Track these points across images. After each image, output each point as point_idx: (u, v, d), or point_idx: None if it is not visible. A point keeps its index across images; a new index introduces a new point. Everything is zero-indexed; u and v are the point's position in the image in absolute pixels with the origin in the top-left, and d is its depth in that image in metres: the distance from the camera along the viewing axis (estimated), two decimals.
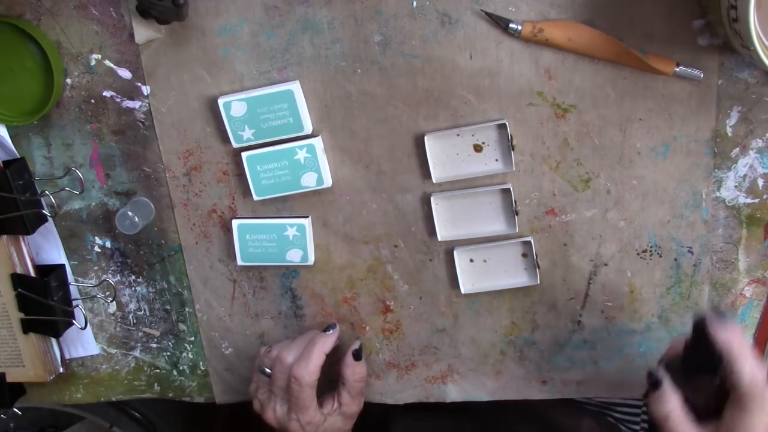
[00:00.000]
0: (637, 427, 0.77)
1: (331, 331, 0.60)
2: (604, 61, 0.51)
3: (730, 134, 0.52)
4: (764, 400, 0.44)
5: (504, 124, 0.54)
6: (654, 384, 0.48)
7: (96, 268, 0.66)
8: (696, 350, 0.47)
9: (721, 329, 0.45)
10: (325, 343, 0.58)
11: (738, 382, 0.44)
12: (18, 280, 0.62)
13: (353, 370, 0.59)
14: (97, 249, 0.65)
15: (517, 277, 0.59)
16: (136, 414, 0.89)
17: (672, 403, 0.47)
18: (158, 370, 0.69)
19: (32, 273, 0.62)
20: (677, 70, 0.50)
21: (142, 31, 0.55)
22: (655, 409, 0.48)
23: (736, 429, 0.45)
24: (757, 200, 0.54)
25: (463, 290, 0.59)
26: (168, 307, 0.66)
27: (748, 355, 0.44)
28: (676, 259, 0.57)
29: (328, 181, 0.57)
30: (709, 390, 0.47)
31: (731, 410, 0.45)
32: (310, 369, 0.56)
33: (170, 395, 0.70)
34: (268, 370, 0.59)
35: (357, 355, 0.60)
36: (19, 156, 0.61)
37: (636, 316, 0.59)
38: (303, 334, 0.62)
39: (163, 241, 0.64)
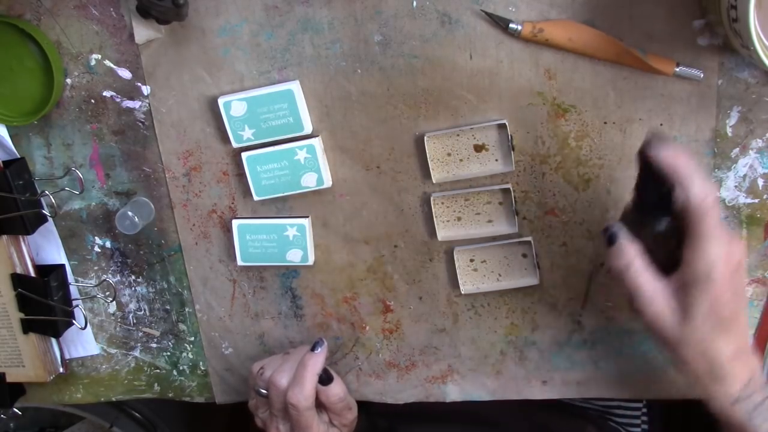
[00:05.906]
0: (638, 430, 0.77)
1: (319, 350, 0.58)
2: (604, 61, 0.51)
3: (730, 134, 0.52)
4: (717, 225, 0.41)
5: (504, 124, 0.54)
6: (610, 238, 0.46)
7: (96, 268, 0.66)
8: (645, 184, 0.45)
9: (664, 151, 0.42)
10: (316, 363, 0.57)
11: (687, 204, 0.41)
12: (18, 280, 0.62)
13: (326, 395, 0.57)
14: (97, 249, 0.65)
15: (517, 277, 0.59)
16: (136, 414, 0.89)
17: (630, 255, 0.45)
18: (158, 370, 0.69)
19: (32, 273, 0.62)
20: (677, 70, 0.50)
21: (142, 31, 0.55)
22: (614, 263, 0.45)
23: (697, 266, 0.42)
24: (757, 200, 0.54)
25: (463, 290, 0.59)
26: (168, 307, 0.66)
27: (695, 173, 0.42)
28: None
29: (328, 181, 0.57)
30: (669, 239, 0.44)
31: (689, 247, 0.42)
32: (305, 394, 0.55)
33: (170, 395, 0.70)
34: (264, 391, 0.58)
35: (323, 381, 0.57)
36: (19, 156, 0.61)
37: (636, 316, 0.59)
38: (293, 349, 0.61)
39: (163, 241, 0.64)
